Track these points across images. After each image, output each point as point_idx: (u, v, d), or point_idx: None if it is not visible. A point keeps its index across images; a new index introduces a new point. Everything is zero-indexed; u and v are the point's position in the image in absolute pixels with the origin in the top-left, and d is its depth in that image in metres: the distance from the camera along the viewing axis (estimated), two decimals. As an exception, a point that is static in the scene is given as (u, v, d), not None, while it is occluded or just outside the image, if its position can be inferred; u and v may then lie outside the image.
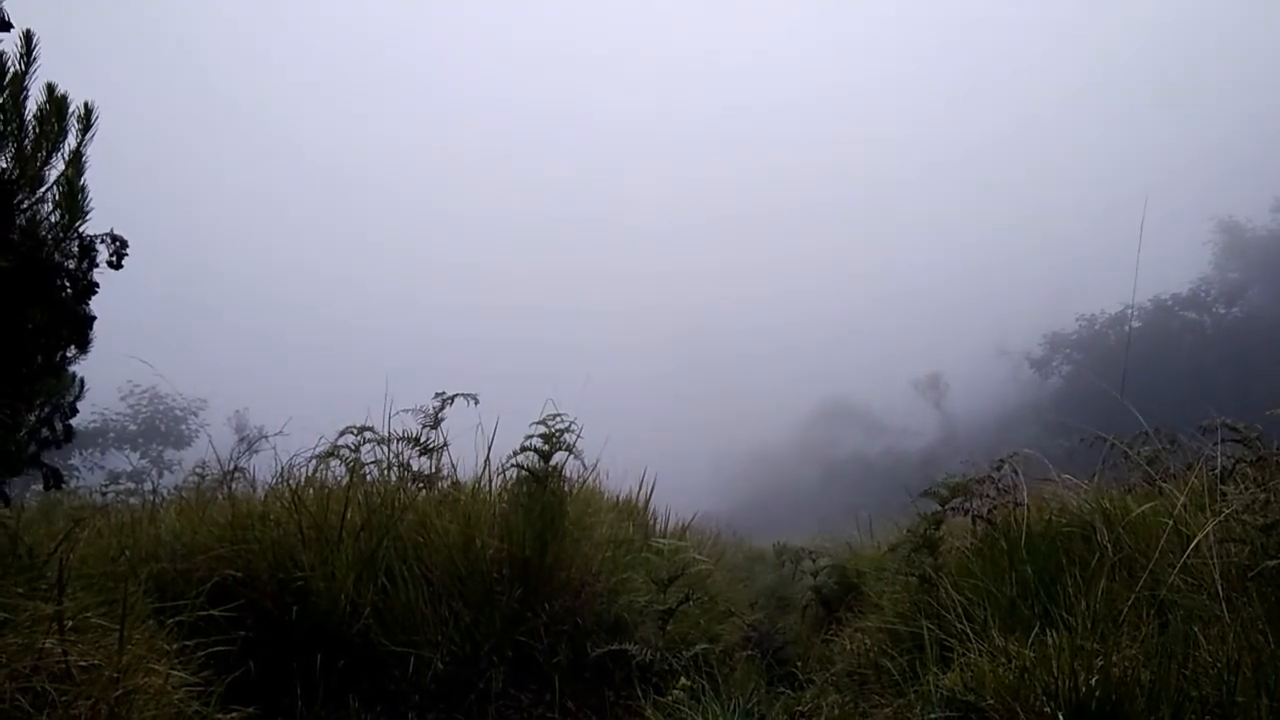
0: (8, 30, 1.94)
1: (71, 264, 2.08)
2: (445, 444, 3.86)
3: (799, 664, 3.91)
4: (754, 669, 3.55)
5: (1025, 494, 3.43)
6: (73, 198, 2.02)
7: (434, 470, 3.82)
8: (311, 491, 3.39)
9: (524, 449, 3.60)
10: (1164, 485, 3.03)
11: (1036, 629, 2.34)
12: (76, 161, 2.04)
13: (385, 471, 3.68)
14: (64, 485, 2.58)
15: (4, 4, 1.95)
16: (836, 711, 2.72)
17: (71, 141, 2.04)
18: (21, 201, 1.98)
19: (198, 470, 4.28)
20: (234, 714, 2.32)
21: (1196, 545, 2.38)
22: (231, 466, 3.80)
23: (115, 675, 1.94)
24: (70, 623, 2.03)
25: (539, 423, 3.66)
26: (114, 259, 2.14)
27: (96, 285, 2.14)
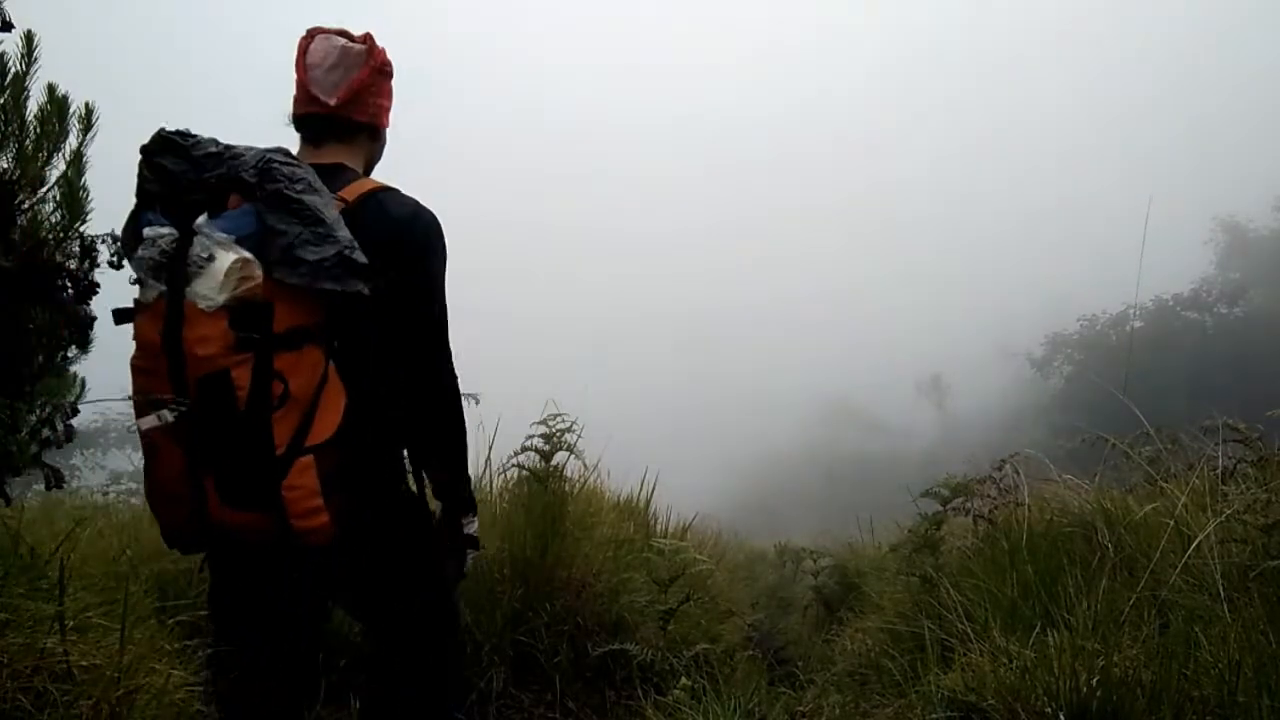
0: (9, 30, 1.94)
1: (73, 264, 2.08)
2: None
3: (800, 664, 3.91)
4: (755, 669, 3.55)
5: (1026, 494, 3.43)
6: (74, 198, 2.02)
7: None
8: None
9: (525, 449, 3.60)
10: (1165, 485, 3.03)
11: (1037, 629, 2.34)
12: (77, 162, 2.04)
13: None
14: (65, 485, 2.59)
15: (4, 4, 1.95)
16: (838, 712, 2.71)
17: (73, 142, 2.04)
18: (22, 202, 1.98)
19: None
20: (235, 714, 2.32)
21: (1198, 545, 2.38)
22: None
23: (116, 675, 1.94)
24: (71, 623, 2.03)
25: (540, 423, 3.66)
26: (115, 259, 2.15)
27: (98, 285, 2.14)
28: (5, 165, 1.95)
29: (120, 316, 1.44)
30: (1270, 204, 40.27)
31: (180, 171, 1.42)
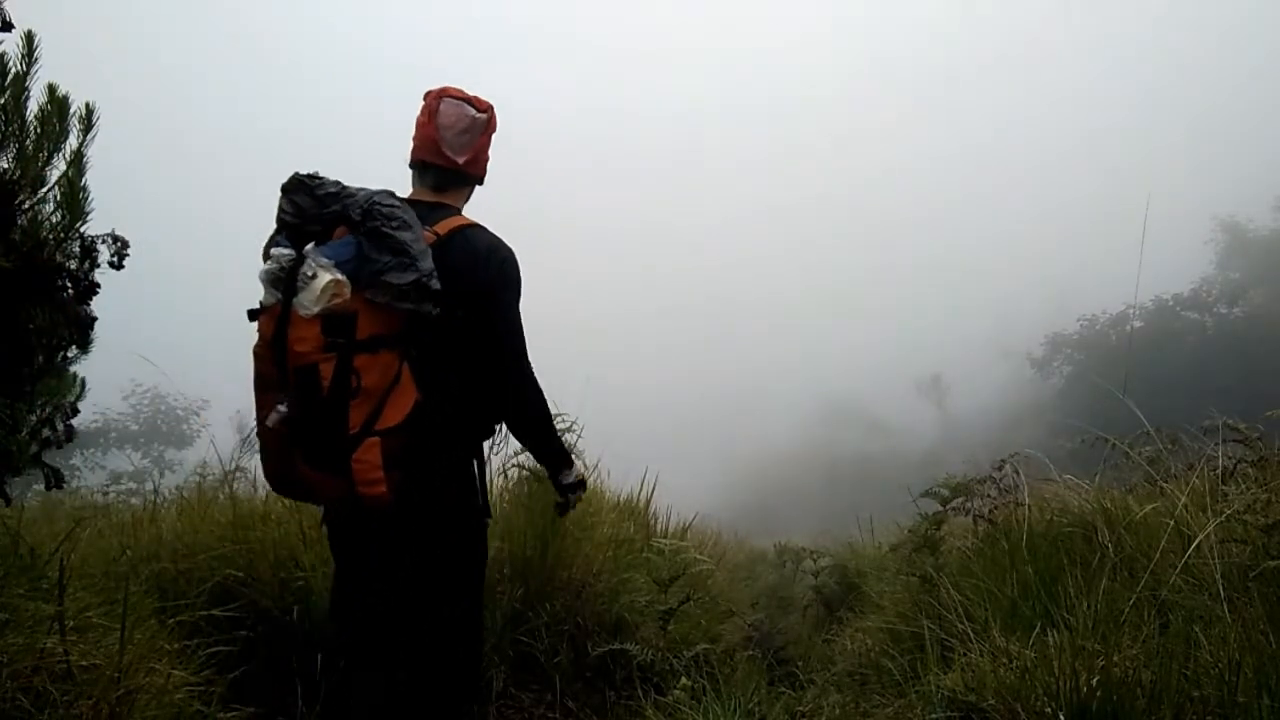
0: (9, 30, 1.94)
1: (73, 264, 2.08)
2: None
3: (800, 664, 3.91)
4: (755, 669, 3.55)
5: (1026, 494, 3.43)
6: (74, 198, 2.02)
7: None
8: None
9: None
10: (1165, 485, 3.03)
11: (1037, 629, 2.34)
12: (78, 162, 2.04)
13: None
14: (65, 485, 2.59)
15: (4, 4, 1.95)
16: (838, 711, 2.72)
17: (73, 142, 2.04)
18: (23, 202, 1.98)
19: (199, 470, 4.27)
20: (235, 714, 2.33)
21: (1198, 545, 2.38)
22: (233, 466, 3.80)
23: (116, 675, 1.94)
24: (71, 623, 2.03)
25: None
26: (115, 259, 2.15)
27: (98, 286, 2.14)
28: (6, 165, 1.95)
29: (251, 315, 1.78)
30: (1270, 204, 40.21)
31: (307, 206, 1.80)
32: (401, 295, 1.71)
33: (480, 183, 2.16)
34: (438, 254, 1.82)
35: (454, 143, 2.02)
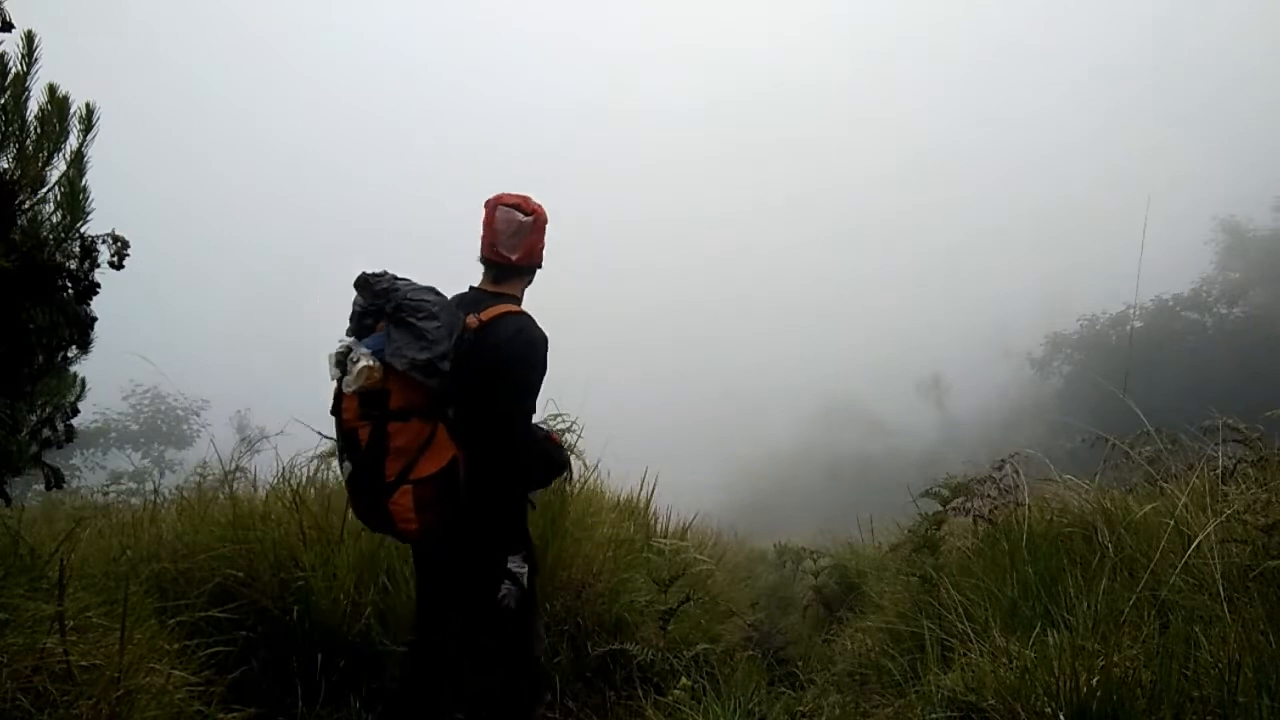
0: (9, 30, 1.94)
1: (73, 264, 2.08)
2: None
3: (800, 664, 3.91)
4: (755, 669, 3.55)
5: (1026, 494, 3.43)
6: (74, 198, 2.02)
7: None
8: (313, 491, 3.39)
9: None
10: (1165, 485, 3.03)
11: (1038, 629, 2.34)
12: (78, 162, 2.04)
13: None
14: (65, 485, 2.59)
15: (4, 4, 1.95)
16: (838, 711, 2.72)
17: (73, 142, 2.04)
18: (23, 202, 1.98)
19: (199, 470, 4.28)
20: (235, 714, 2.33)
21: (1198, 545, 2.38)
22: (233, 466, 3.81)
23: (116, 675, 1.94)
24: (71, 623, 2.03)
25: (540, 423, 3.65)
26: (115, 259, 2.15)
27: (98, 285, 2.14)
28: (6, 165, 1.95)
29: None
30: (1270, 204, 40.13)
31: (368, 300, 2.21)
32: (414, 367, 2.04)
33: (538, 268, 2.52)
34: (479, 335, 2.23)
35: (508, 244, 2.39)
